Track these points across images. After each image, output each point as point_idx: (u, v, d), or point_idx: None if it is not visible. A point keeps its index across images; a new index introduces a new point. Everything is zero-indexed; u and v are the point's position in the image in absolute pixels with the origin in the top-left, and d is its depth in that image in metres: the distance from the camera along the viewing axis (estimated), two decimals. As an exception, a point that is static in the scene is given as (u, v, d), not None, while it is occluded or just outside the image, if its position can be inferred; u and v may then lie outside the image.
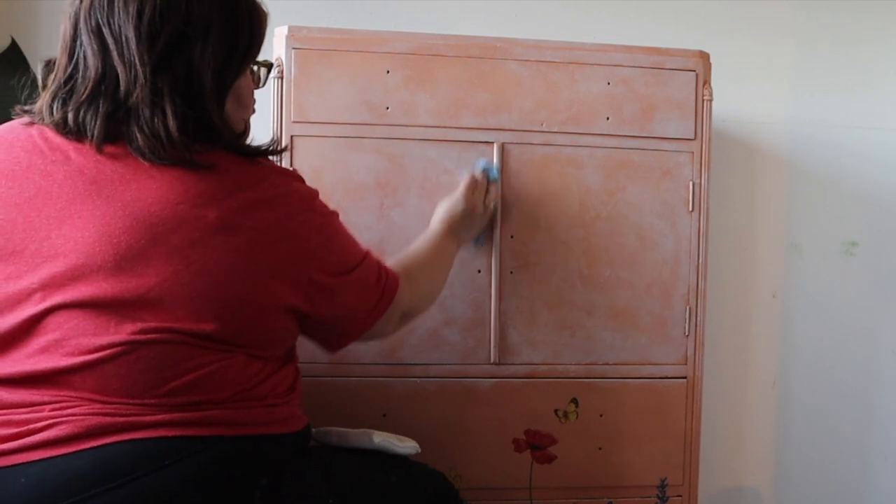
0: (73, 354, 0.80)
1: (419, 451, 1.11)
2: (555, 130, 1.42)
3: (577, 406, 1.45)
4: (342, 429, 1.11)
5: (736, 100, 1.82)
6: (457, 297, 1.41)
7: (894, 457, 2.01)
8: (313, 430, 1.11)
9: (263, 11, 0.93)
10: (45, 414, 0.79)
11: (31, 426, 0.79)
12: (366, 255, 1.03)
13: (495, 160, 1.40)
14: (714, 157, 1.48)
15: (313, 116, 1.36)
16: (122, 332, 0.80)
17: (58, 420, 0.79)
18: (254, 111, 1.01)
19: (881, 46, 1.93)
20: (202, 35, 0.83)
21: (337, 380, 1.37)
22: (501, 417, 1.43)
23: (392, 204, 1.39)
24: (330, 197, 1.36)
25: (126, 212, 0.81)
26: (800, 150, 1.92)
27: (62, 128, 0.83)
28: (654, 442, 1.48)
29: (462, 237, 1.31)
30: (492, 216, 1.38)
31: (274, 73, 1.34)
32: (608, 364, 1.46)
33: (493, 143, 1.41)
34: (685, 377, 1.48)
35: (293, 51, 1.35)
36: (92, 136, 0.82)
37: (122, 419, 0.80)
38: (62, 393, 0.80)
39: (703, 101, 1.45)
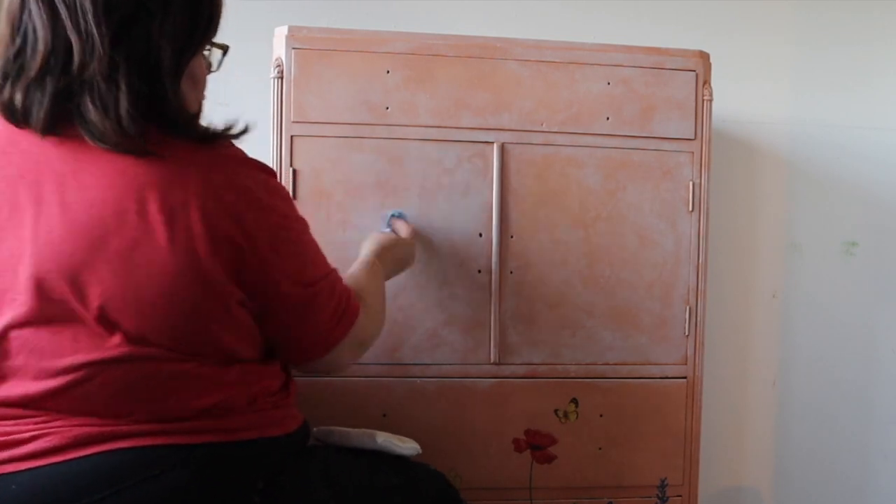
0: (39, 379, 0.77)
1: (420, 451, 1.11)
2: (555, 130, 1.42)
3: (577, 406, 1.45)
4: (344, 428, 1.11)
5: (736, 100, 1.82)
6: (457, 297, 1.41)
7: (894, 456, 2.01)
8: (315, 429, 1.10)
9: None
10: (30, 426, 0.78)
11: (17, 436, 0.77)
12: (328, 274, 0.95)
13: (495, 162, 1.40)
14: (714, 157, 1.48)
15: (313, 116, 1.36)
16: (80, 351, 0.77)
17: (43, 432, 0.77)
18: (204, 96, 0.95)
19: (881, 46, 1.93)
20: (161, 8, 0.78)
21: (337, 380, 1.37)
22: (501, 417, 1.43)
23: (392, 204, 1.39)
24: (330, 197, 1.37)
25: (66, 217, 0.76)
26: (800, 150, 1.92)
27: (9, 113, 0.78)
28: (654, 442, 1.48)
29: (388, 270, 1.23)
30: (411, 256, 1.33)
31: (274, 73, 1.34)
32: (608, 364, 1.46)
33: (493, 143, 1.41)
34: (685, 377, 1.48)
35: (293, 51, 1.35)
36: (38, 119, 0.76)
37: (108, 429, 0.78)
38: (42, 412, 0.79)
39: (703, 101, 1.45)
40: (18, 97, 0.76)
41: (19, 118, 0.77)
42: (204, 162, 0.81)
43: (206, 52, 0.91)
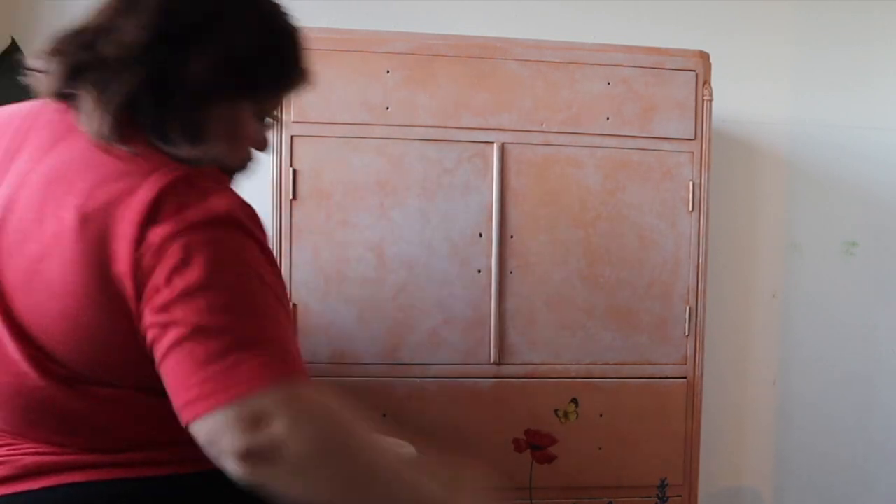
0: None
1: (416, 455, 1.10)
2: (555, 130, 1.42)
3: (577, 406, 1.45)
4: None
5: (736, 100, 1.82)
6: (457, 297, 1.41)
7: (895, 457, 2.01)
8: None
9: (307, 68, 0.86)
10: None
11: None
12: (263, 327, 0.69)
13: (495, 162, 1.40)
14: (714, 157, 1.48)
15: (313, 116, 1.36)
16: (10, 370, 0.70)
17: None
18: (246, 158, 0.85)
19: (881, 46, 1.93)
20: (217, 34, 0.75)
21: (337, 380, 1.37)
22: (501, 417, 1.43)
23: (392, 204, 1.39)
24: (330, 197, 1.37)
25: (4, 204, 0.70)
26: (800, 150, 1.92)
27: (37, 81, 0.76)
28: (654, 442, 1.48)
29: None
30: None
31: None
32: (608, 364, 1.46)
33: (493, 143, 1.41)
34: (685, 377, 1.48)
35: (293, 51, 1.35)
36: (49, 83, 0.74)
37: (58, 458, 0.73)
38: None
39: (703, 101, 1.45)
40: (52, 60, 0.75)
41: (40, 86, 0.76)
42: (155, 165, 0.70)
43: (265, 120, 0.86)
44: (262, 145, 0.86)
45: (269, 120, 0.88)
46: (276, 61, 0.82)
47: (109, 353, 0.70)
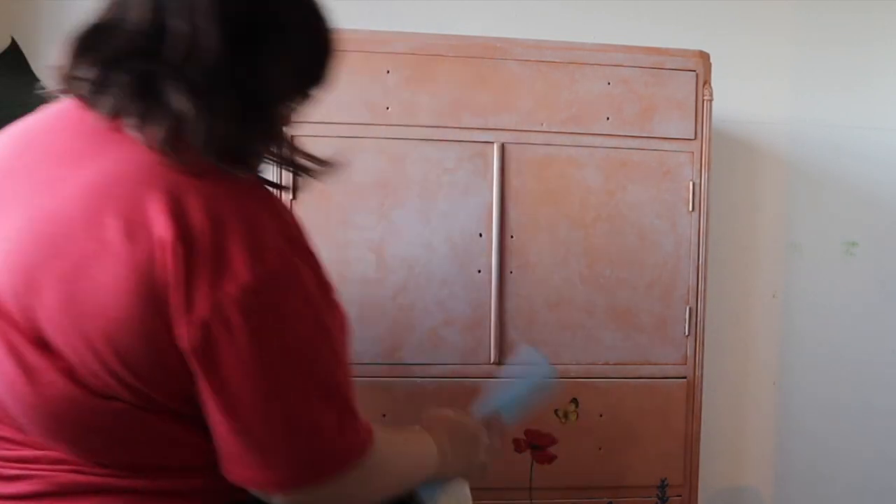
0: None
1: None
2: (555, 130, 1.42)
3: (577, 406, 1.45)
4: None
5: (736, 100, 1.82)
6: (457, 297, 1.41)
7: (895, 456, 2.01)
8: None
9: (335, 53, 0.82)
10: (12, 465, 0.71)
11: (2, 471, 0.71)
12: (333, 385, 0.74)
13: (495, 162, 1.40)
14: (714, 157, 1.48)
15: (313, 116, 1.36)
16: (38, 380, 0.66)
17: (25, 472, 0.70)
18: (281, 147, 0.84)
19: (881, 46, 1.93)
20: (278, 37, 0.72)
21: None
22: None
23: (392, 204, 1.39)
24: (330, 197, 1.37)
25: (32, 214, 0.66)
26: (800, 150, 1.92)
27: (77, 87, 0.69)
28: (654, 442, 1.48)
29: (448, 464, 0.91)
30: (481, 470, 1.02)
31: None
32: (608, 364, 1.46)
33: (493, 143, 1.41)
34: (685, 377, 1.48)
35: (293, 51, 1.35)
36: (109, 100, 0.67)
37: (96, 479, 0.70)
38: (19, 442, 0.71)
39: (703, 101, 1.45)
40: (93, 72, 0.68)
41: (86, 94, 0.69)
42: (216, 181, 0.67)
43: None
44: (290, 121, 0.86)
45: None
46: (327, 57, 0.80)
47: (151, 373, 0.68)
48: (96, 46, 0.68)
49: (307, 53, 0.77)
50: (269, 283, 0.66)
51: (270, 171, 0.85)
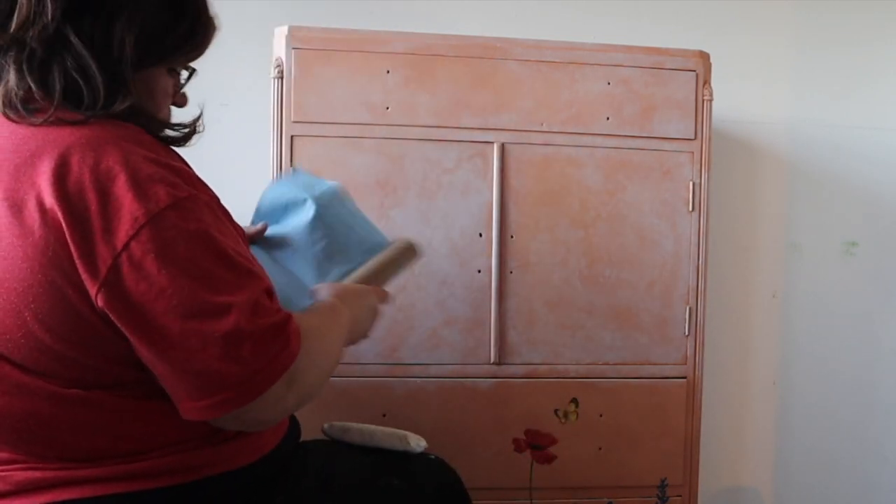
0: None
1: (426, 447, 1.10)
2: (555, 130, 1.42)
3: (577, 406, 1.45)
4: (368, 426, 1.07)
5: (736, 100, 1.82)
6: (457, 297, 1.41)
7: (894, 457, 2.01)
8: (327, 425, 1.09)
9: (212, 19, 0.82)
10: None
11: None
12: (234, 302, 0.69)
13: (495, 162, 1.40)
14: (714, 157, 1.48)
15: (313, 116, 1.36)
16: None
17: None
18: (164, 115, 0.84)
19: (881, 47, 1.93)
20: (133, 2, 0.73)
21: (337, 380, 1.37)
22: (501, 417, 1.43)
23: (392, 204, 1.39)
24: (330, 197, 1.37)
25: None
26: (800, 150, 1.92)
27: None
28: (654, 442, 1.48)
29: (354, 317, 0.94)
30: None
31: (274, 73, 1.34)
32: (608, 364, 1.46)
33: (493, 143, 1.41)
34: (685, 377, 1.48)
35: (293, 51, 1.35)
36: None
37: (51, 473, 0.72)
38: None
39: (703, 101, 1.45)
40: None
41: None
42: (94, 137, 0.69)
43: (177, 72, 0.84)
44: (182, 101, 0.86)
45: (184, 73, 0.85)
46: (187, 23, 0.79)
47: (71, 347, 0.69)
48: None
49: (163, 21, 0.76)
50: (165, 216, 0.67)
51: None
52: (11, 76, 0.70)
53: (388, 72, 1.37)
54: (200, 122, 0.84)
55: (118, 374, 0.72)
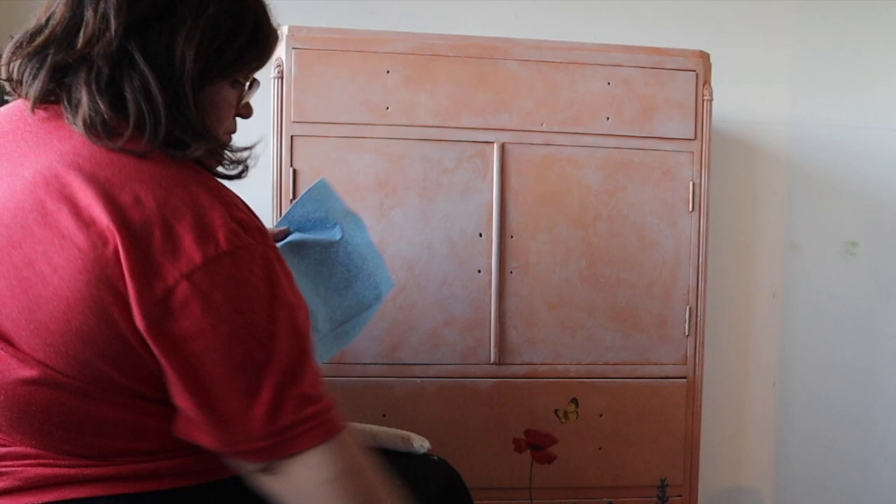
0: None
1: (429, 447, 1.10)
2: (555, 130, 1.42)
3: (577, 406, 1.45)
4: (371, 426, 1.06)
5: (736, 100, 1.82)
6: (457, 297, 1.41)
7: (895, 457, 2.01)
8: None
9: (274, 26, 0.82)
10: None
11: None
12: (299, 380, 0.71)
13: (495, 162, 1.40)
14: (714, 157, 1.48)
15: (313, 116, 1.36)
16: None
17: None
18: (229, 139, 0.85)
19: (881, 47, 1.93)
20: (194, 14, 0.73)
21: (337, 380, 1.37)
22: (501, 417, 1.43)
23: (392, 204, 1.39)
24: (330, 197, 1.37)
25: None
26: (800, 150, 1.92)
27: (8, 81, 0.74)
28: (654, 442, 1.48)
29: None
30: None
31: (274, 73, 1.34)
32: (608, 364, 1.46)
33: (493, 143, 1.41)
34: (685, 377, 1.48)
35: (293, 51, 1.35)
36: (31, 89, 0.71)
37: (61, 470, 0.72)
38: None
39: (703, 101, 1.45)
40: (16, 65, 0.73)
41: (14, 86, 0.74)
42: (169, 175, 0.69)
43: (241, 83, 0.83)
44: (247, 112, 0.85)
45: (247, 84, 0.84)
46: (247, 33, 0.78)
47: (105, 359, 0.69)
48: (25, 45, 0.72)
49: (224, 32, 0.75)
50: (221, 261, 0.67)
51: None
52: (84, 98, 0.70)
53: (388, 72, 1.37)
54: (252, 156, 0.83)
55: (145, 391, 0.72)
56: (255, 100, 0.98)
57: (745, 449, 1.96)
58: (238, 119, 0.86)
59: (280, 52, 1.35)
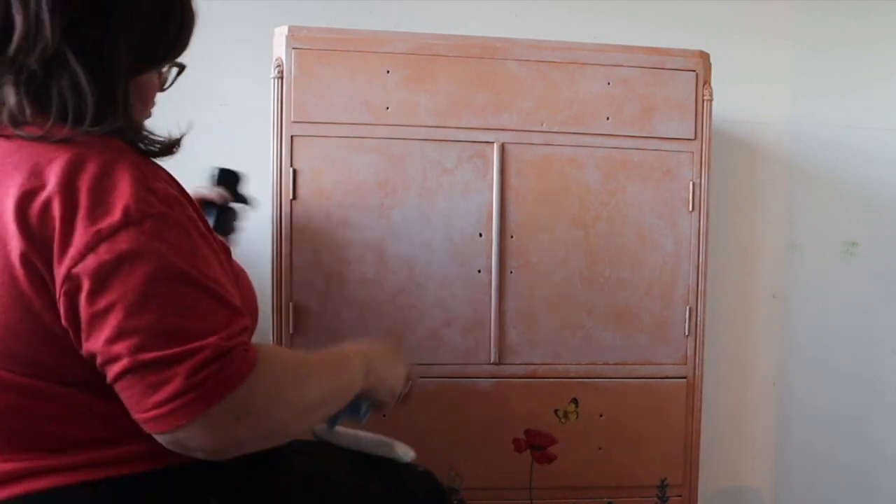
0: None
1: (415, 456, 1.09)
2: (555, 130, 1.42)
3: (577, 406, 1.45)
4: (353, 431, 1.06)
5: (736, 100, 1.82)
6: (457, 297, 1.41)
7: (895, 457, 2.01)
8: (315, 426, 1.09)
9: (193, 11, 0.82)
10: None
11: None
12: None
13: (495, 162, 1.40)
14: (714, 157, 1.48)
15: (313, 116, 1.36)
16: None
17: None
18: (150, 115, 0.86)
19: (881, 47, 1.93)
20: (125, 13, 0.74)
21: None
22: (501, 417, 1.43)
23: (392, 204, 1.39)
24: (330, 197, 1.37)
25: None
26: (800, 150, 1.92)
27: None
28: (654, 442, 1.48)
29: (371, 377, 0.93)
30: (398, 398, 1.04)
31: (274, 73, 1.34)
32: (608, 364, 1.46)
33: (493, 143, 1.41)
34: (685, 377, 1.48)
35: (293, 51, 1.35)
36: None
37: (20, 464, 0.73)
38: None
39: (703, 101, 1.45)
40: None
41: None
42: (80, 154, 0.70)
43: (163, 69, 0.84)
44: (164, 85, 0.86)
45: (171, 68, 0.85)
46: (176, 26, 0.79)
47: (34, 345, 0.70)
48: None
49: (156, 26, 0.77)
50: (137, 223, 0.68)
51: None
52: (11, 97, 0.71)
53: (388, 72, 1.37)
54: (179, 140, 0.83)
55: (78, 373, 0.72)
56: (256, 100, 0.97)
57: (745, 449, 1.96)
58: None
59: (280, 51, 1.35)
